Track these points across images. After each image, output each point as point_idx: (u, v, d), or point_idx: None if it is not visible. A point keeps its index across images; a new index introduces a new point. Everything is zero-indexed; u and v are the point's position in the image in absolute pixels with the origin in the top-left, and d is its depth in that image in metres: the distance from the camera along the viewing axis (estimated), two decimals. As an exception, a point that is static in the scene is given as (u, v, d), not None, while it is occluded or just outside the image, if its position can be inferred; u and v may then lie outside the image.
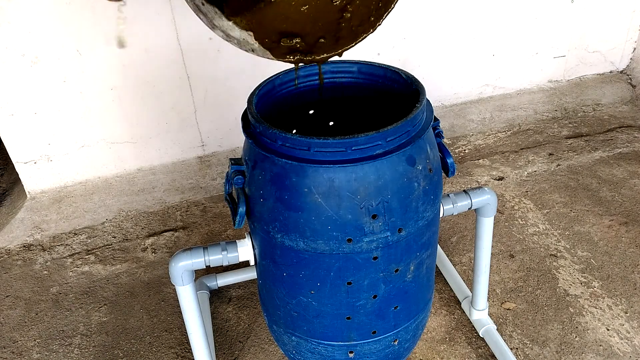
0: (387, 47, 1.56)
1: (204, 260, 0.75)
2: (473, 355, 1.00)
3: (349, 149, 0.59)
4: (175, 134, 1.48)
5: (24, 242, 1.34)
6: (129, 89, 1.38)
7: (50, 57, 1.29)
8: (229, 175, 0.70)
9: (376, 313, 0.73)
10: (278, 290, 0.74)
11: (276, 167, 0.63)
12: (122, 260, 1.26)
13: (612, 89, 1.82)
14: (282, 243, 0.67)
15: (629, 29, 1.80)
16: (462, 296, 1.09)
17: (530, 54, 1.73)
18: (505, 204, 1.37)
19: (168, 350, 1.04)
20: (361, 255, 0.66)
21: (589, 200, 1.36)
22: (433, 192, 0.69)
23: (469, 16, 1.59)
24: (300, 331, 0.77)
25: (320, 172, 0.61)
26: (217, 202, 1.43)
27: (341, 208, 0.62)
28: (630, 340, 1.01)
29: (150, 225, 1.36)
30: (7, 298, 1.18)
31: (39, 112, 1.35)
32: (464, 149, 1.59)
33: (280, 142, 0.62)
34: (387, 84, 0.76)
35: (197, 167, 1.52)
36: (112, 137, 1.44)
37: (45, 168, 1.42)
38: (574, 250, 1.22)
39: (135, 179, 1.49)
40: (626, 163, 1.49)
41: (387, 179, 0.62)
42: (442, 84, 1.69)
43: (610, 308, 1.08)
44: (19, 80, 1.29)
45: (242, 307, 1.13)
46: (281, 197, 0.64)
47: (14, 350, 1.07)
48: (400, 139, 0.62)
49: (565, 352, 1.00)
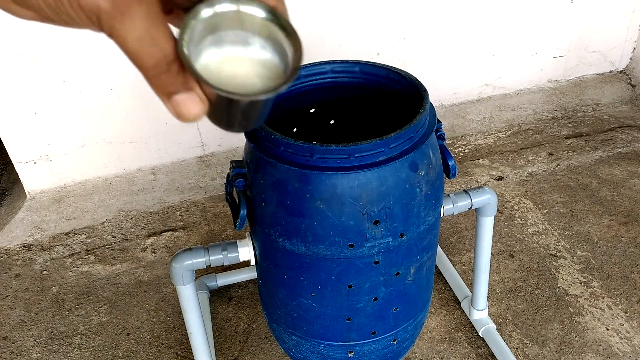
0: (387, 47, 1.56)
1: (204, 260, 0.75)
2: (473, 355, 1.00)
3: (351, 156, 0.59)
4: (175, 134, 1.48)
5: (24, 242, 1.34)
6: (128, 89, 1.38)
7: (50, 57, 1.29)
8: (230, 178, 0.70)
9: (376, 315, 0.73)
10: (278, 292, 0.74)
11: (278, 172, 0.63)
12: (121, 260, 1.26)
13: (612, 88, 1.82)
14: (283, 247, 0.67)
15: (629, 28, 1.80)
16: (462, 296, 1.09)
17: (530, 54, 1.73)
18: (505, 203, 1.37)
19: (168, 350, 1.05)
20: (362, 260, 0.66)
21: (588, 200, 1.37)
22: (435, 197, 0.69)
23: (469, 16, 1.59)
24: (301, 331, 0.77)
25: (322, 179, 0.61)
26: (217, 202, 1.43)
27: (343, 214, 0.62)
28: (630, 340, 1.01)
29: (150, 225, 1.36)
30: (6, 298, 1.18)
31: (39, 112, 1.35)
32: (464, 149, 1.59)
33: (282, 147, 0.61)
34: (389, 85, 0.76)
35: (197, 167, 1.52)
36: (112, 137, 1.44)
37: (45, 168, 1.42)
38: (574, 250, 1.22)
39: (135, 179, 1.48)
40: (626, 163, 1.49)
41: (389, 185, 0.62)
42: (442, 84, 1.69)
43: (610, 308, 1.08)
44: (19, 80, 1.29)
45: (242, 307, 1.13)
46: (283, 202, 0.64)
47: (13, 350, 1.07)
48: (403, 145, 0.62)
49: (565, 351, 1.00)
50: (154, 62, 0.29)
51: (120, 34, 0.28)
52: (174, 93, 0.30)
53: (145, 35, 0.28)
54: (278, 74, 0.33)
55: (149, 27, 0.28)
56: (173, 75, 0.29)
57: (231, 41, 0.33)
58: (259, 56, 0.33)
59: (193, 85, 0.30)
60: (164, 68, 0.29)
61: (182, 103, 0.30)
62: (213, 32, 0.32)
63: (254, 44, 0.33)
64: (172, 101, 0.30)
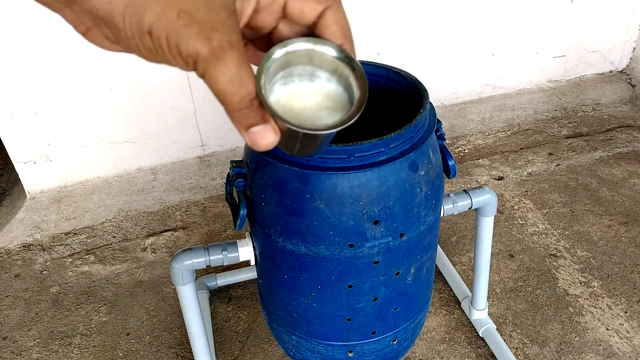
0: (387, 47, 1.56)
1: (204, 260, 0.75)
2: (473, 355, 1.00)
3: (351, 155, 0.59)
4: (175, 133, 1.48)
5: (24, 242, 1.34)
6: (128, 89, 1.38)
7: (50, 57, 1.29)
8: (230, 178, 0.70)
9: (376, 315, 0.73)
10: (278, 291, 0.74)
11: (278, 172, 0.63)
12: (121, 260, 1.26)
13: (612, 88, 1.82)
14: (283, 247, 0.67)
15: (629, 28, 1.80)
16: (461, 296, 1.09)
17: (530, 54, 1.73)
18: (504, 203, 1.37)
19: (168, 350, 1.05)
20: (362, 260, 0.66)
21: (588, 200, 1.37)
22: (435, 197, 0.69)
23: (469, 16, 1.59)
24: (301, 331, 0.77)
25: (322, 179, 0.61)
26: (217, 202, 1.43)
27: (343, 214, 0.62)
28: (630, 340, 1.01)
29: (150, 225, 1.36)
30: (6, 298, 1.18)
31: (39, 112, 1.35)
32: (464, 149, 1.59)
33: (282, 147, 0.61)
34: (389, 85, 0.76)
35: (196, 167, 1.52)
36: (112, 137, 1.44)
37: (45, 168, 1.42)
38: (574, 250, 1.22)
39: (135, 179, 1.49)
40: (626, 163, 1.49)
41: (389, 185, 0.62)
42: (442, 84, 1.69)
43: (610, 308, 1.08)
44: (19, 80, 1.29)
45: (242, 307, 1.13)
46: (283, 202, 0.64)
47: (13, 350, 1.07)
48: (403, 145, 0.62)
49: (565, 351, 1.00)
50: (239, 99, 0.32)
51: (213, 76, 0.31)
52: (252, 126, 0.33)
53: (235, 78, 0.31)
54: (344, 104, 0.36)
55: (239, 70, 0.31)
56: (253, 111, 0.33)
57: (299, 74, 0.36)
58: (325, 88, 0.37)
59: (268, 118, 0.34)
60: (246, 104, 0.32)
61: (259, 135, 0.34)
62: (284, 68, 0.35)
63: (320, 77, 0.36)
64: (250, 133, 0.33)
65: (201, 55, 0.30)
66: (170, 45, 0.30)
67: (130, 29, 0.30)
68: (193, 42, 0.30)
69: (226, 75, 0.31)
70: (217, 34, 0.30)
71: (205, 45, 0.30)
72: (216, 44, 0.30)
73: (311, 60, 0.35)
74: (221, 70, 0.31)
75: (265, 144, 0.34)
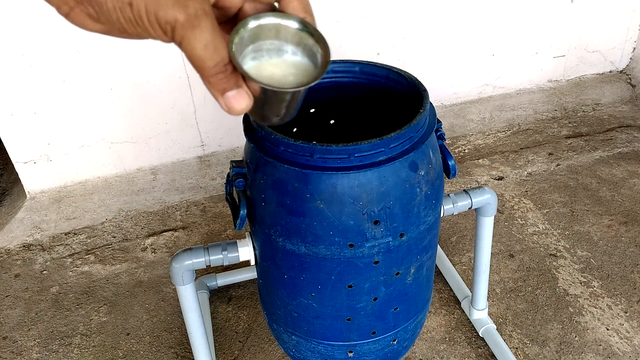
0: (386, 47, 1.56)
1: (204, 260, 0.75)
2: (473, 355, 1.00)
3: (351, 155, 0.59)
4: (175, 133, 1.48)
5: (24, 242, 1.34)
6: (128, 89, 1.38)
7: (50, 57, 1.29)
8: (230, 178, 0.70)
9: (376, 315, 0.73)
10: (278, 291, 0.74)
11: (278, 172, 0.63)
12: (121, 260, 1.26)
13: (612, 88, 1.82)
14: (283, 247, 0.67)
15: (629, 28, 1.80)
16: (461, 296, 1.09)
17: (530, 54, 1.73)
18: (504, 203, 1.37)
19: (168, 350, 1.05)
20: (362, 260, 0.66)
21: (588, 200, 1.37)
22: (435, 197, 0.69)
23: (469, 16, 1.59)
24: (301, 331, 0.77)
25: (322, 179, 0.61)
26: (217, 202, 1.43)
27: (343, 214, 0.62)
28: (630, 340, 1.01)
29: (150, 225, 1.36)
30: (6, 298, 1.18)
31: (39, 112, 1.35)
32: (464, 149, 1.59)
33: (282, 147, 0.61)
34: (389, 85, 0.76)
35: (196, 167, 1.52)
36: (112, 137, 1.44)
37: (45, 168, 1.42)
38: (574, 250, 1.22)
39: (135, 179, 1.49)
40: (626, 163, 1.49)
41: (389, 185, 0.62)
42: (442, 84, 1.69)
43: (610, 308, 1.08)
44: (19, 80, 1.29)
45: (242, 307, 1.13)
46: (283, 202, 0.64)
47: (13, 350, 1.07)
48: (403, 145, 0.62)
49: (565, 351, 1.00)
50: (214, 64, 0.34)
51: (190, 42, 0.33)
52: (227, 90, 0.36)
53: (210, 44, 0.34)
54: (309, 73, 0.39)
55: (214, 36, 0.34)
56: (227, 76, 0.35)
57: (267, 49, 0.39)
58: (292, 60, 0.40)
59: (241, 84, 0.36)
60: (221, 69, 0.35)
61: (234, 98, 0.36)
62: (253, 42, 0.38)
63: (287, 51, 0.40)
64: (225, 97, 0.36)
65: (178, 21, 0.33)
66: (149, 14, 0.32)
67: (112, 1, 0.33)
68: (171, 10, 0.32)
69: (201, 41, 0.33)
70: (192, 2, 0.33)
71: (182, 13, 0.32)
72: (192, 12, 0.33)
73: (278, 34, 0.39)
74: (197, 36, 0.33)
75: (241, 107, 0.36)
